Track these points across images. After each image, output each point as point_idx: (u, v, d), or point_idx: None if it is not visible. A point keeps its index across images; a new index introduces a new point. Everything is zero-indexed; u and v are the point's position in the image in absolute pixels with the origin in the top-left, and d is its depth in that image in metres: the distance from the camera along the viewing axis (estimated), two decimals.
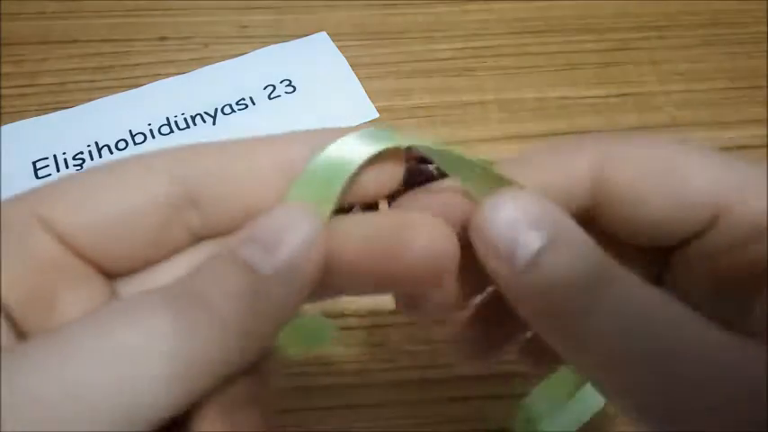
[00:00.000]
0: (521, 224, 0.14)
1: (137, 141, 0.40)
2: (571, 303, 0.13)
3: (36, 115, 0.41)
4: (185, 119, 0.42)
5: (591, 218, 0.16)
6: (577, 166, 0.15)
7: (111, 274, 0.14)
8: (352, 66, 0.44)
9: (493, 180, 0.15)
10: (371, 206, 0.37)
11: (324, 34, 0.47)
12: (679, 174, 0.14)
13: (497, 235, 0.14)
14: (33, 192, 0.14)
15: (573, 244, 0.14)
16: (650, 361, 0.12)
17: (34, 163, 0.39)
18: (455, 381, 0.31)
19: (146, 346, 0.11)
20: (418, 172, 0.38)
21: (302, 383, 0.31)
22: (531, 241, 0.13)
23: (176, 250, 0.15)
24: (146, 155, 0.14)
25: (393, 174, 0.15)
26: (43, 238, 0.13)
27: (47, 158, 0.39)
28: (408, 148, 0.15)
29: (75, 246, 0.13)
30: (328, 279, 0.13)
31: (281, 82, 0.44)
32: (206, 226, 0.14)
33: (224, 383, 0.12)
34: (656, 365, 0.12)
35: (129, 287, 0.14)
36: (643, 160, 0.15)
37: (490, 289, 0.18)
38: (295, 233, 0.13)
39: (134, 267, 0.14)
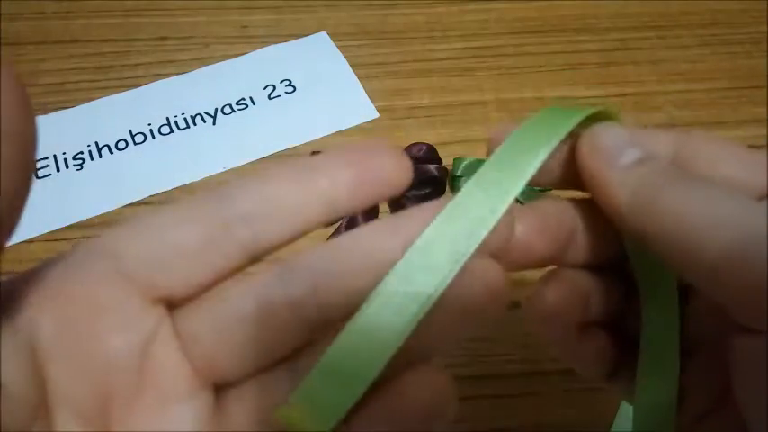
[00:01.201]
0: (625, 138, 0.17)
1: (137, 141, 0.40)
2: (668, 195, 0.15)
3: (36, 115, 0.41)
4: (185, 119, 0.42)
5: None
6: (663, 139, 0.18)
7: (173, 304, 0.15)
8: (352, 66, 0.44)
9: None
10: (371, 211, 0.37)
11: (324, 34, 0.47)
12: (744, 155, 0.17)
13: (604, 141, 0.17)
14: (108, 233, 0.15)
15: (664, 160, 0.17)
16: (738, 242, 0.14)
17: None
18: (455, 381, 0.31)
19: None
20: (419, 171, 0.38)
21: None
22: (634, 150, 0.17)
23: (233, 264, 0.15)
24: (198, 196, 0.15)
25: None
26: (96, 270, 0.14)
27: (47, 158, 0.39)
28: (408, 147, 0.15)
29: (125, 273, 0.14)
30: None
31: (281, 82, 0.44)
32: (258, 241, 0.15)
33: None
34: (741, 245, 0.14)
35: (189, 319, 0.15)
36: (720, 144, 0.18)
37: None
38: None
39: (187, 288, 0.15)
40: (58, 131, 0.41)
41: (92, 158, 0.39)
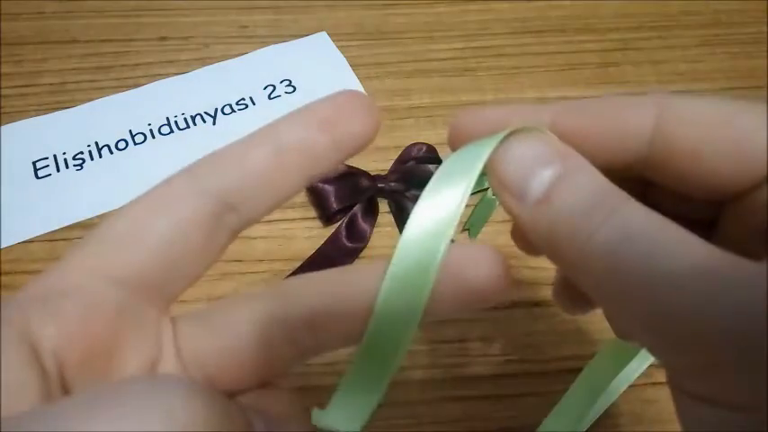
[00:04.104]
0: (530, 163, 0.14)
1: (137, 141, 0.40)
2: (575, 231, 0.14)
3: (36, 115, 0.41)
4: (185, 119, 0.42)
5: (646, 168, 0.16)
6: (638, 117, 0.16)
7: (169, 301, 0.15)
8: (352, 66, 0.44)
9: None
10: (370, 209, 0.37)
11: (324, 34, 0.47)
12: (738, 129, 0.14)
13: (509, 173, 0.15)
14: (79, 246, 0.14)
15: (579, 179, 0.14)
16: (643, 282, 0.13)
17: (34, 163, 0.39)
18: (455, 381, 0.31)
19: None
20: (419, 171, 0.38)
21: (302, 383, 0.31)
22: (539, 180, 0.14)
23: (223, 249, 0.16)
24: (169, 179, 0.15)
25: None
26: (100, 287, 0.14)
27: (47, 158, 0.39)
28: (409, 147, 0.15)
29: (134, 284, 0.14)
30: None
31: (281, 82, 0.44)
32: (244, 221, 0.15)
33: None
34: (648, 287, 0.12)
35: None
36: (704, 116, 0.15)
37: None
38: None
39: (189, 284, 0.15)
40: (58, 131, 0.41)
41: (92, 158, 0.39)
